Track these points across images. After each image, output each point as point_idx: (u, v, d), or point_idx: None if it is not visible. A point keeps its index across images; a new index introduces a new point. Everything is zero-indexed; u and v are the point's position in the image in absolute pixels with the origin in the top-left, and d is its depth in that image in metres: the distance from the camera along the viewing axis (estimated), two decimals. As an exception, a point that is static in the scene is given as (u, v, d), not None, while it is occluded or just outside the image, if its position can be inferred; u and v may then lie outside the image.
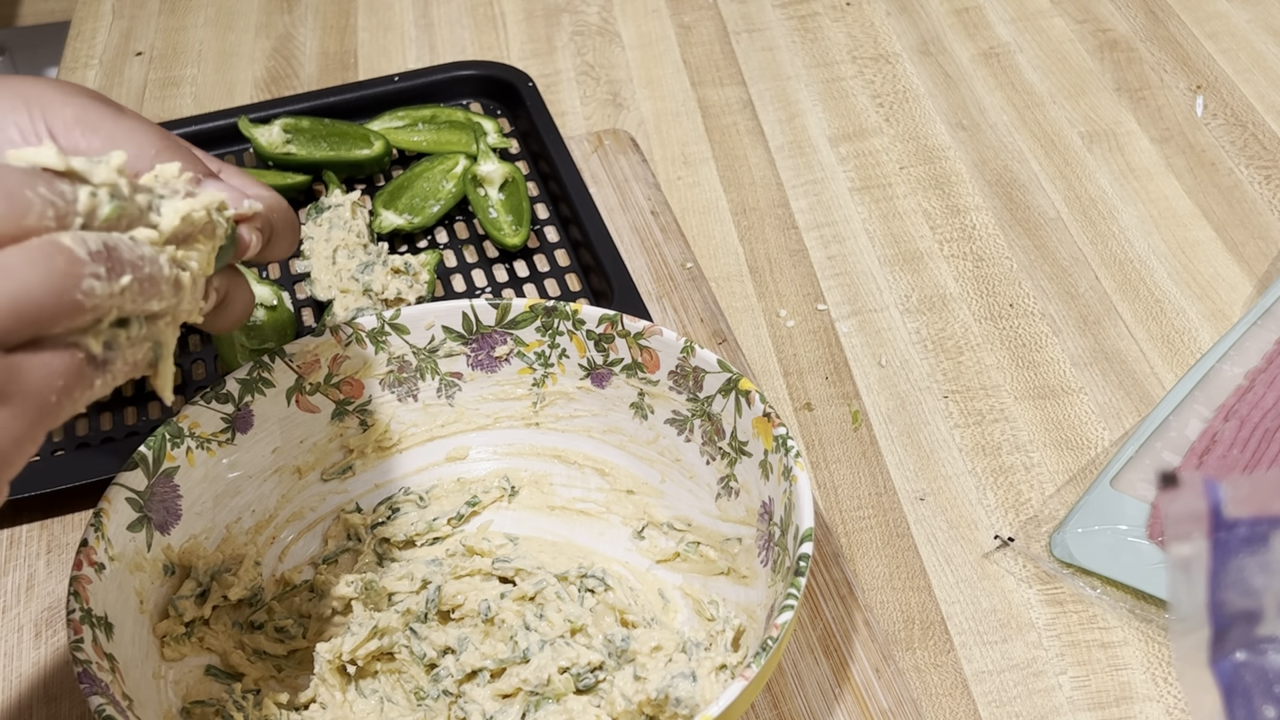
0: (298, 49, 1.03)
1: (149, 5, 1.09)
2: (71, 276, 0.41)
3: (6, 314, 0.40)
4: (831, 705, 0.60)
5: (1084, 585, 0.65)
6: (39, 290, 0.40)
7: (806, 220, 0.86)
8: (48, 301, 0.40)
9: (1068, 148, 0.90)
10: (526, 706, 0.58)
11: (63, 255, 0.41)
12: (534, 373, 0.65)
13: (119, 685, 0.51)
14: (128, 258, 0.43)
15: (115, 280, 0.43)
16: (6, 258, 0.40)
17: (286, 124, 0.86)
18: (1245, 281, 0.80)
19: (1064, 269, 0.82)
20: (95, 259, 0.42)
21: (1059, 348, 0.77)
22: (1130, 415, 0.73)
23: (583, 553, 0.64)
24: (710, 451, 0.61)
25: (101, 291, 0.42)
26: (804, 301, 0.80)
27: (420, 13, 1.06)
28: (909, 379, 0.75)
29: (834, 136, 0.92)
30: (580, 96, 0.97)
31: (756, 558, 0.59)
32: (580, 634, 0.60)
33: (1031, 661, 0.62)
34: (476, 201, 0.83)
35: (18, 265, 0.40)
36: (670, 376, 0.62)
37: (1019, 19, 1.02)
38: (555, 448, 0.66)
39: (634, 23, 1.04)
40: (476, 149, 0.86)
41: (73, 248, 0.41)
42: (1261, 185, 0.86)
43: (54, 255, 0.41)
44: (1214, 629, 0.39)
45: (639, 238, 0.83)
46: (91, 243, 0.42)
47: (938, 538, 0.68)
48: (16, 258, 0.40)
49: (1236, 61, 0.96)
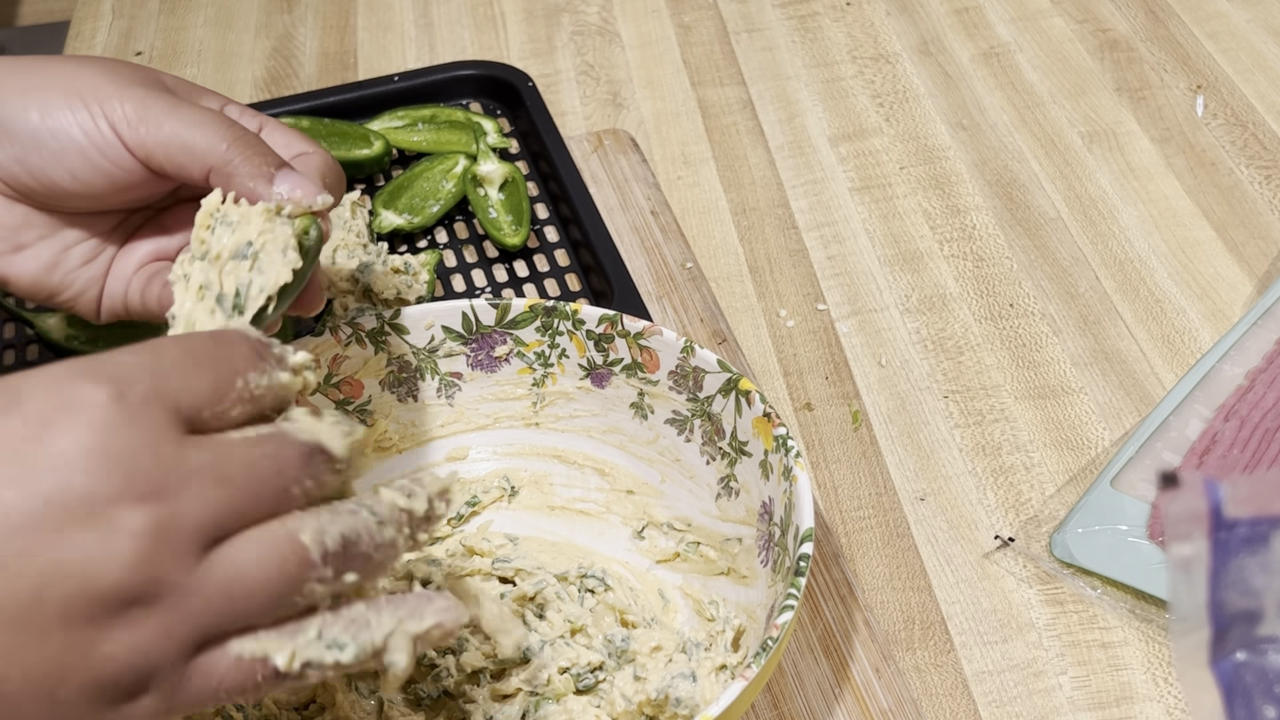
0: (298, 49, 1.03)
1: (149, 5, 1.09)
2: (297, 581, 0.37)
3: (215, 609, 0.36)
4: (831, 705, 0.60)
5: (1084, 585, 0.65)
6: (258, 590, 0.37)
7: (806, 220, 0.86)
8: (263, 601, 0.37)
9: (1068, 148, 0.90)
10: (526, 707, 0.58)
11: (295, 556, 0.37)
12: (534, 373, 0.65)
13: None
14: (362, 551, 0.39)
15: (339, 581, 0.39)
16: (239, 550, 0.36)
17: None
18: (1245, 281, 0.80)
19: (1064, 269, 0.82)
20: (328, 561, 0.38)
21: (1059, 348, 0.77)
22: (1130, 415, 0.73)
23: (583, 553, 0.64)
24: (710, 451, 0.61)
25: (321, 593, 0.38)
26: (804, 301, 0.80)
27: (420, 13, 1.06)
28: (909, 379, 0.75)
29: (834, 136, 0.92)
30: (580, 96, 0.97)
31: (756, 558, 0.59)
32: (580, 634, 0.60)
33: (1032, 661, 0.62)
34: (476, 201, 0.83)
35: (247, 560, 0.36)
36: (670, 376, 0.62)
37: (1019, 19, 1.02)
38: (555, 448, 0.66)
39: (634, 23, 1.04)
40: (476, 149, 0.86)
41: (309, 548, 0.37)
42: (1262, 185, 0.86)
43: (287, 556, 0.37)
44: (1214, 629, 0.39)
45: (639, 238, 0.83)
46: (330, 541, 0.38)
47: (938, 538, 0.68)
48: (249, 552, 0.36)
49: (1237, 61, 0.96)
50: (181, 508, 0.35)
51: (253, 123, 0.55)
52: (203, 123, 0.51)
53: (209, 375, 0.38)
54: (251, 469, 0.37)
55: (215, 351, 0.38)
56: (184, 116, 0.50)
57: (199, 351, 0.38)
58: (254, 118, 0.55)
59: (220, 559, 0.36)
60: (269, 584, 0.37)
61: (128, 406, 0.35)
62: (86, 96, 0.50)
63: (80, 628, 0.34)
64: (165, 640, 0.35)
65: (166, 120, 0.50)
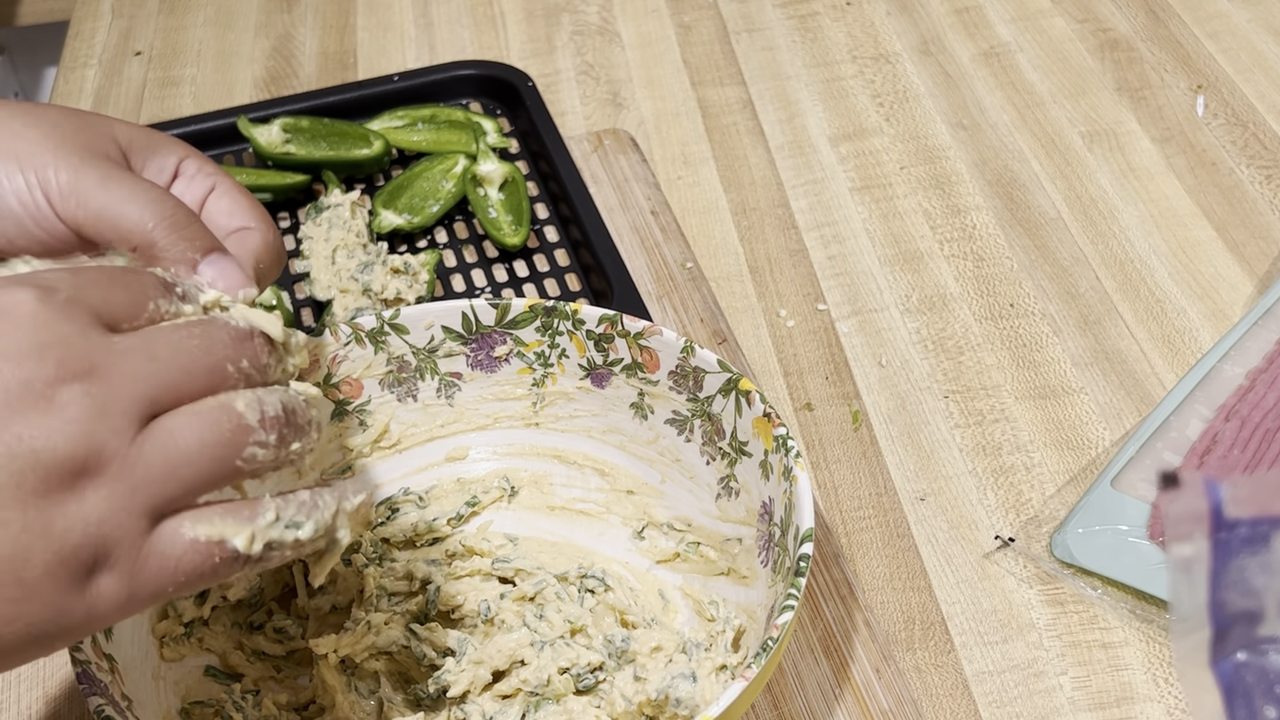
0: (297, 49, 1.03)
1: (148, 5, 1.09)
2: (235, 445, 0.40)
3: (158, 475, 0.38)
4: (832, 706, 0.60)
5: (1085, 585, 0.65)
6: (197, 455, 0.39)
7: (806, 220, 0.86)
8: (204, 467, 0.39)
9: (1068, 147, 0.90)
10: (526, 707, 0.58)
11: (230, 422, 0.40)
12: (534, 373, 0.65)
13: (118, 686, 0.51)
14: (299, 421, 0.43)
15: (281, 449, 0.42)
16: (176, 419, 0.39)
17: (286, 124, 0.86)
18: (1246, 281, 0.80)
19: (1064, 269, 0.81)
20: (268, 426, 0.41)
21: (1059, 348, 0.77)
22: (1131, 415, 0.73)
23: (583, 553, 0.64)
24: (710, 452, 0.61)
25: (264, 458, 0.41)
26: (804, 301, 0.80)
27: (420, 12, 1.06)
28: (909, 379, 0.75)
29: (834, 136, 0.92)
30: (580, 96, 0.97)
31: (756, 558, 0.59)
32: (580, 634, 0.60)
33: (1032, 662, 0.62)
34: (476, 201, 0.83)
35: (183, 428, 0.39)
36: (670, 376, 0.61)
37: (1019, 19, 1.02)
38: (555, 448, 0.66)
39: (634, 22, 1.04)
40: (476, 149, 0.86)
41: (244, 414, 0.40)
42: (1262, 185, 0.86)
43: (222, 422, 0.40)
44: (1215, 629, 0.39)
45: (639, 238, 0.83)
46: (269, 408, 0.41)
47: (938, 538, 0.68)
48: (184, 420, 0.39)
49: (1237, 61, 0.96)
50: (114, 383, 0.38)
51: (204, 184, 0.53)
52: (133, 198, 0.49)
53: (124, 292, 0.41)
54: (180, 347, 0.40)
55: (128, 276, 0.42)
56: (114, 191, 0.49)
57: (115, 273, 0.41)
58: (207, 178, 0.54)
59: (158, 428, 0.39)
60: (206, 449, 0.39)
61: (54, 304, 0.38)
62: (24, 163, 0.49)
63: (35, 505, 0.36)
64: (115, 510, 0.37)
65: (96, 194, 0.49)
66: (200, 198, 0.54)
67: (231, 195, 0.54)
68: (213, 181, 0.54)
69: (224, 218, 0.53)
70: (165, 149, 0.54)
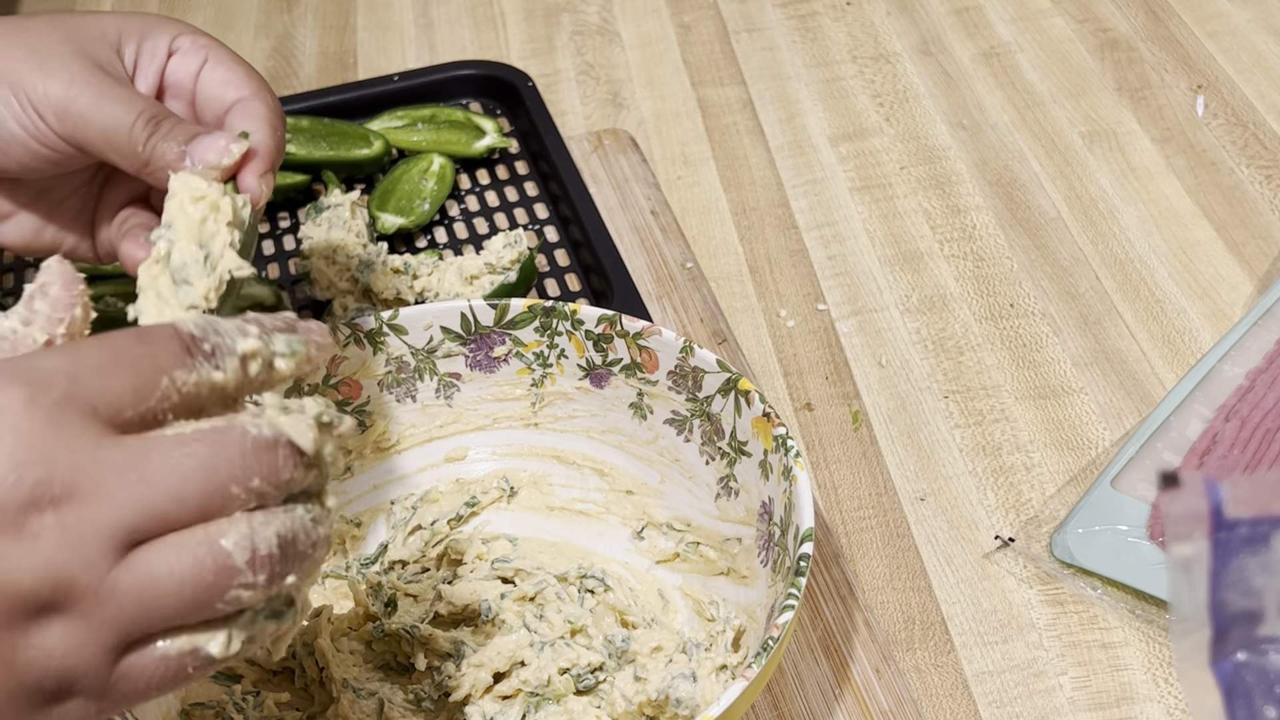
0: (297, 48, 1.03)
1: (148, 5, 1.09)
2: (217, 589, 0.36)
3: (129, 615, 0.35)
4: (832, 706, 0.60)
5: (1084, 585, 0.65)
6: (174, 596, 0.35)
7: (806, 220, 0.86)
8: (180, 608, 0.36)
9: (1068, 147, 0.90)
10: (526, 707, 0.57)
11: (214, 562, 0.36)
12: (533, 373, 0.65)
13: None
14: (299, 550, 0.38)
15: (272, 587, 0.37)
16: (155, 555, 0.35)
17: (286, 123, 0.86)
18: (1246, 281, 0.80)
19: (1064, 269, 0.81)
20: (257, 567, 0.36)
21: (1059, 348, 0.77)
22: (1131, 415, 0.73)
23: (582, 553, 0.64)
24: (710, 451, 0.61)
25: (250, 600, 0.37)
26: (804, 301, 0.80)
27: (420, 12, 1.06)
28: (909, 379, 0.75)
29: (834, 136, 0.92)
30: (580, 96, 0.96)
31: (756, 558, 0.59)
32: (580, 635, 0.60)
33: (1032, 662, 0.62)
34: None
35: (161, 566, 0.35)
36: (669, 376, 0.61)
37: (1019, 19, 1.02)
38: (554, 448, 0.66)
39: (634, 22, 1.04)
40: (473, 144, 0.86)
41: (232, 554, 0.36)
42: (1262, 185, 0.86)
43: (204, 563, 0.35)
44: (1215, 629, 0.39)
45: (639, 238, 0.83)
46: (262, 544, 0.36)
47: (938, 538, 0.68)
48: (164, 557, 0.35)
49: (1237, 61, 0.96)
50: (94, 510, 0.34)
51: (198, 57, 0.54)
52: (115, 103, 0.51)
53: (129, 376, 0.36)
54: (176, 468, 0.36)
55: (137, 350, 0.37)
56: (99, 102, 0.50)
57: (120, 351, 0.37)
58: (200, 50, 0.55)
59: (134, 564, 0.35)
60: (184, 591, 0.35)
61: (41, 409, 0.34)
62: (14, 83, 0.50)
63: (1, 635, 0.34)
64: (82, 647, 0.35)
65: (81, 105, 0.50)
66: (195, 71, 0.54)
67: (225, 64, 0.55)
68: (205, 53, 0.55)
69: (219, 88, 0.54)
70: (156, 31, 0.55)
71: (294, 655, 0.60)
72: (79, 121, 0.51)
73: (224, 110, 0.54)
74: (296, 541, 0.37)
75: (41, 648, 0.34)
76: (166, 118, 0.52)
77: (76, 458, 0.34)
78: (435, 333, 0.64)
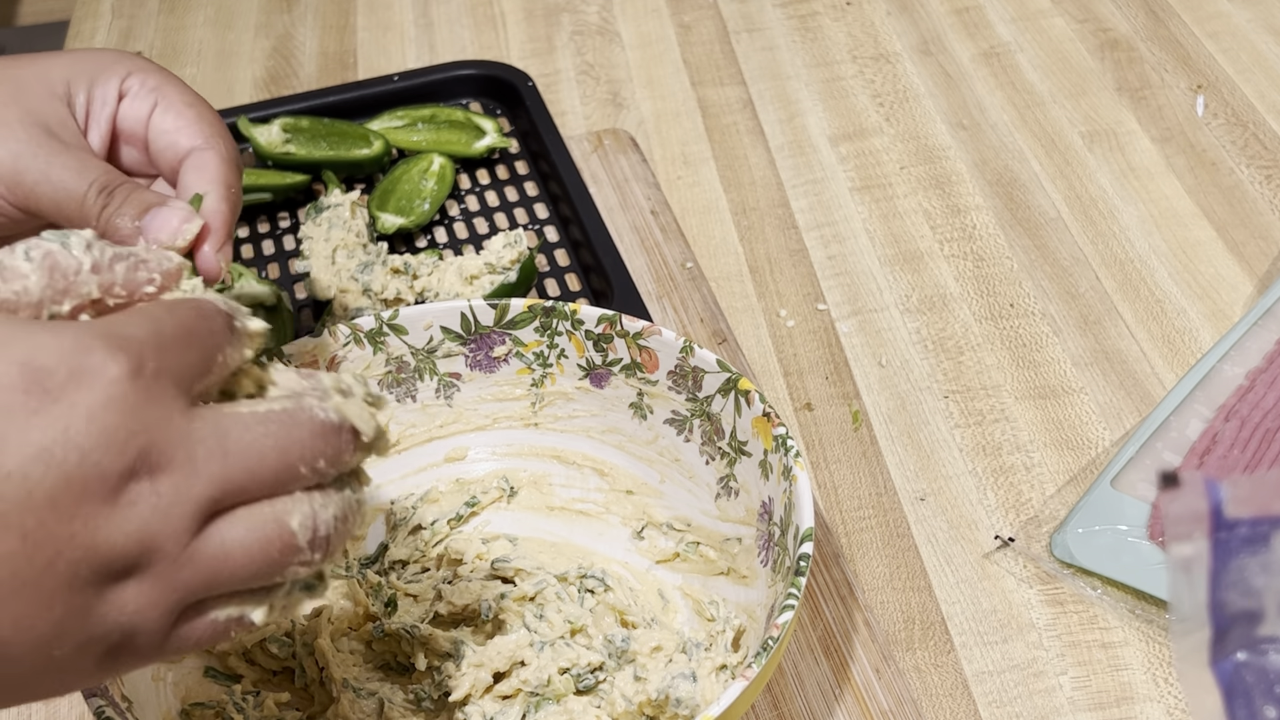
0: (297, 48, 1.03)
1: (148, 5, 1.09)
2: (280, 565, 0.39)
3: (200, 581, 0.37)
4: (832, 706, 0.60)
5: (1084, 585, 0.65)
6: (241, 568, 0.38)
7: (806, 220, 0.86)
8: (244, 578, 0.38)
9: (1068, 147, 0.90)
10: (526, 707, 0.57)
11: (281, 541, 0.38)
12: (533, 373, 0.65)
13: (118, 687, 0.51)
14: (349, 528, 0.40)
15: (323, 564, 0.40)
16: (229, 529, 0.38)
17: (286, 123, 0.86)
18: (1246, 281, 0.80)
19: (1064, 269, 0.81)
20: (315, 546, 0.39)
21: (1059, 348, 0.77)
22: (1131, 415, 0.73)
23: (582, 553, 0.64)
24: (710, 451, 0.61)
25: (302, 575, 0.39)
26: (804, 301, 0.80)
27: (420, 12, 1.06)
28: (909, 379, 0.75)
29: (834, 136, 0.92)
30: (580, 96, 0.96)
31: (756, 558, 0.59)
32: (580, 634, 0.60)
33: (1032, 662, 0.62)
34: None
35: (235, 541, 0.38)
36: (669, 376, 0.61)
37: (1019, 19, 1.02)
38: (554, 448, 0.66)
39: (634, 22, 1.04)
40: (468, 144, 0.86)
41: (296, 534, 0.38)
42: (1262, 185, 0.86)
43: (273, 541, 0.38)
44: (1215, 629, 0.39)
45: (639, 238, 0.83)
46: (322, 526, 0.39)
47: (938, 538, 0.68)
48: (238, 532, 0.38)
49: (1237, 61, 0.96)
50: (185, 482, 0.37)
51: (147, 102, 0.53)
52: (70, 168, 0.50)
53: (199, 350, 0.39)
54: (253, 446, 0.38)
55: (200, 324, 0.39)
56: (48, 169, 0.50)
57: (190, 324, 0.39)
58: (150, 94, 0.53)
59: (211, 535, 0.37)
60: (251, 565, 0.38)
61: (144, 381, 0.36)
62: None
63: (82, 593, 0.36)
64: (152, 607, 0.37)
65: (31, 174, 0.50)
66: (145, 116, 0.53)
67: (175, 109, 0.53)
68: (155, 97, 0.53)
69: (171, 136, 0.53)
70: (105, 75, 0.53)
71: (294, 655, 0.60)
72: (29, 192, 0.50)
73: (178, 160, 0.53)
74: (349, 520, 0.40)
75: (115, 604, 0.36)
76: (119, 185, 0.51)
77: (171, 430, 0.37)
78: (435, 333, 0.64)
